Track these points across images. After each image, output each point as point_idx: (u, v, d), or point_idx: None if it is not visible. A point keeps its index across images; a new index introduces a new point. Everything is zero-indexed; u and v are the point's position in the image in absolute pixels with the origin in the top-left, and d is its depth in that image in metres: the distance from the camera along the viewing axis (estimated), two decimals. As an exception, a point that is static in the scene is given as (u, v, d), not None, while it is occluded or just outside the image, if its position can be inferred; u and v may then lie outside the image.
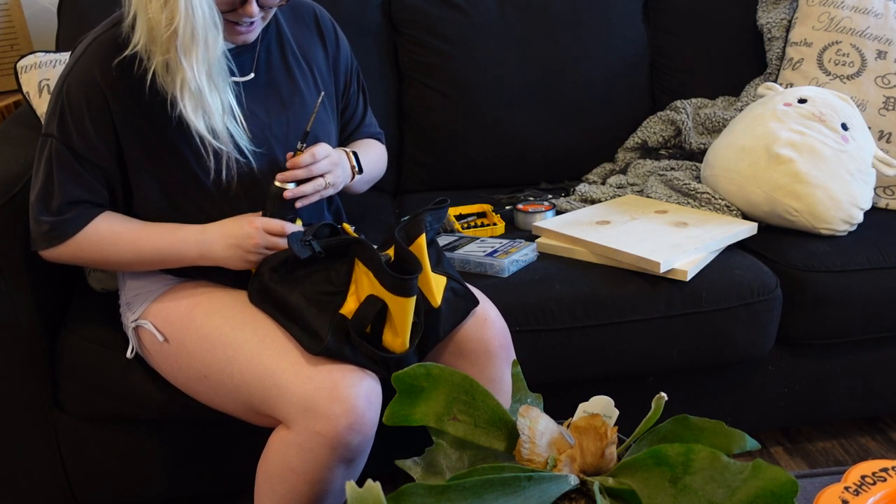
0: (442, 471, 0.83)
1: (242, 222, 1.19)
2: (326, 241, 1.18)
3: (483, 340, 1.24)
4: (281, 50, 1.30)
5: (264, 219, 1.19)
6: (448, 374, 0.82)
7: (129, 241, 1.21)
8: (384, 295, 1.11)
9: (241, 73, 1.24)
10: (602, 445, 0.78)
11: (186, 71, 1.10)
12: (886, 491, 0.86)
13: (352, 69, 1.43)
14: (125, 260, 1.22)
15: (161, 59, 1.10)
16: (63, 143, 1.17)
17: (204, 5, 1.07)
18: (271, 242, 1.18)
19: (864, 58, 1.77)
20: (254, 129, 1.23)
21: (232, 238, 1.19)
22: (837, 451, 1.75)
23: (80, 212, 1.19)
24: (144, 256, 1.21)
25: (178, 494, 1.48)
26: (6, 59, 1.99)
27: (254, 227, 1.18)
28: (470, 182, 1.93)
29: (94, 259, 1.23)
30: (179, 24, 1.06)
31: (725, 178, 1.62)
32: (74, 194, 1.18)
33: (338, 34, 1.40)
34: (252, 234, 1.17)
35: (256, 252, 1.18)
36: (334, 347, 1.10)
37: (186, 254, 1.21)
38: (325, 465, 1.07)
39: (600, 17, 1.94)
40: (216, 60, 1.12)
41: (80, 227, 1.19)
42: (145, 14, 1.08)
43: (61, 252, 1.21)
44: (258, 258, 1.19)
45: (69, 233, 1.19)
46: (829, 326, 1.56)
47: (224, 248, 1.19)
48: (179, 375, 1.23)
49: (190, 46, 1.08)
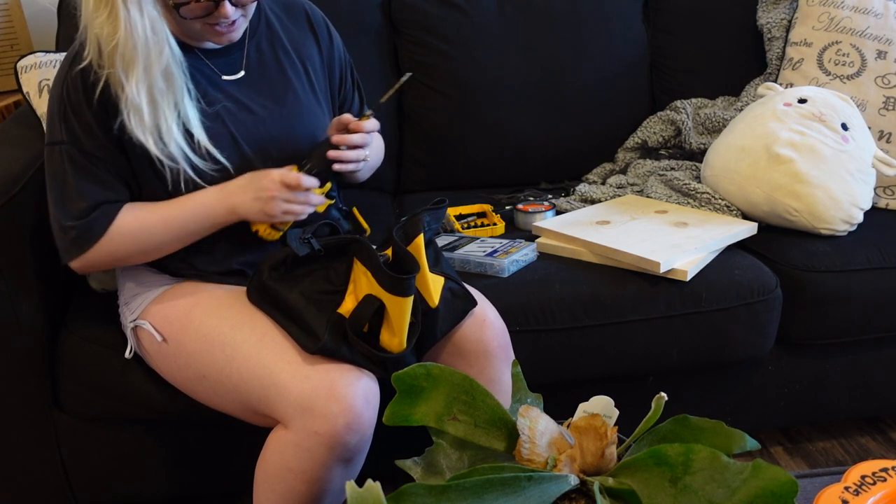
0: (442, 471, 0.83)
1: (260, 174, 1.19)
2: (326, 240, 1.18)
3: (481, 341, 1.24)
4: (272, 47, 1.30)
5: (282, 171, 1.18)
6: (448, 374, 0.82)
7: (160, 224, 1.20)
8: (382, 294, 1.11)
9: (230, 71, 1.24)
10: (602, 445, 0.78)
11: (126, 87, 1.10)
12: (886, 491, 0.86)
13: (346, 64, 1.43)
14: (161, 242, 1.21)
15: (109, 73, 1.11)
16: (74, 146, 1.17)
17: (146, 24, 1.08)
18: (289, 194, 1.17)
19: (864, 58, 1.77)
20: (247, 125, 1.23)
21: (251, 191, 1.18)
22: (837, 451, 1.75)
23: (103, 211, 1.18)
24: (178, 232, 1.21)
25: (178, 494, 1.48)
26: (6, 59, 1.99)
27: (270, 179, 1.17)
28: (470, 182, 1.93)
29: (130, 252, 1.21)
30: (119, 40, 1.07)
31: (725, 178, 1.62)
32: (95, 195, 1.18)
33: (330, 30, 1.40)
34: (268, 186, 1.17)
35: (275, 204, 1.17)
36: (332, 346, 1.10)
37: (215, 215, 1.20)
38: (324, 464, 1.07)
39: (600, 17, 1.94)
40: (158, 78, 1.12)
41: (106, 225, 1.18)
42: (93, 28, 1.09)
43: (94, 256, 1.20)
44: (278, 212, 1.18)
45: (98, 233, 1.18)
46: (829, 326, 1.56)
47: (245, 201, 1.19)
48: (178, 375, 1.23)
49: (130, 64, 1.09)
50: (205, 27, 1.16)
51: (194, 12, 1.13)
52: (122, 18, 1.06)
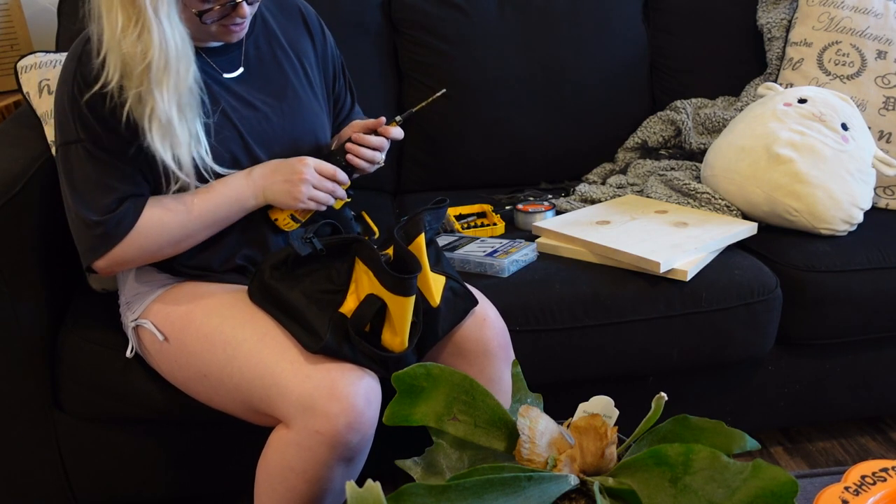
0: (442, 471, 0.83)
1: (293, 160, 1.22)
2: (327, 240, 1.18)
3: (482, 340, 1.24)
4: (269, 44, 1.31)
5: (317, 160, 1.22)
6: (448, 374, 0.82)
7: (190, 213, 1.19)
8: (383, 294, 1.11)
9: (230, 69, 1.25)
10: (602, 445, 0.78)
11: (158, 102, 1.10)
12: (886, 491, 0.86)
13: (338, 62, 1.44)
14: (192, 231, 1.21)
15: (134, 93, 1.10)
16: (92, 143, 1.15)
17: (177, 37, 1.08)
18: (319, 181, 1.21)
19: (864, 58, 1.77)
20: (252, 122, 1.24)
21: (281, 174, 1.20)
22: (837, 451, 1.75)
23: (132, 204, 1.17)
24: (208, 219, 1.20)
25: (178, 494, 1.48)
26: (6, 59, 1.99)
27: (304, 164, 1.20)
28: (470, 182, 1.93)
29: (161, 244, 1.20)
30: (153, 56, 1.07)
31: (725, 178, 1.62)
32: (121, 189, 1.16)
33: (323, 28, 1.41)
34: (301, 170, 1.20)
35: (304, 188, 1.19)
36: (333, 346, 1.10)
37: (244, 199, 1.21)
38: (325, 463, 1.07)
39: (600, 17, 1.94)
40: (186, 90, 1.12)
41: (135, 218, 1.17)
42: (119, 51, 1.08)
43: (123, 252, 1.18)
44: (305, 197, 1.20)
45: (127, 226, 1.17)
46: (829, 326, 1.56)
47: (275, 182, 1.20)
48: (179, 374, 1.23)
49: (162, 78, 1.09)
50: (220, 28, 1.17)
51: (214, 16, 1.13)
52: (156, 35, 1.06)
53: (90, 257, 1.18)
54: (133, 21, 1.06)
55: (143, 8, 1.05)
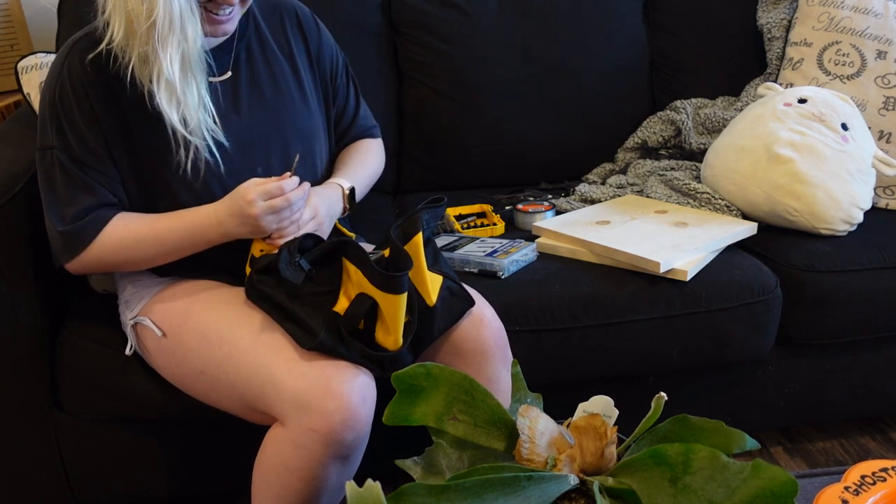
0: (442, 471, 0.83)
1: (237, 197, 1.17)
2: (314, 253, 1.17)
3: (479, 340, 1.24)
4: (261, 48, 1.31)
5: (259, 188, 1.15)
6: (448, 373, 0.82)
7: (151, 237, 1.20)
8: (374, 293, 1.11)
9: (217, 73, 1.25)
10: (602, 445, 0.78)
11: (163, 61, 1.11)
12: (886, 491, 0.86)
13: (337, 61, 1.43)
14: (150, 255, 1.21)
15: (139, 52, 1.11)
16: (65, 152, 1.18)
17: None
18: (273, 205, 1.15)
19: (864, 58, 1.77)
20: (232, 127, 1.24)
21: (236, 216, 1.17)
22: (837, 451, 1.75)
23: (95, 216, 1.19)
24: (170, 247, 1.21)
25: (177, 494, 1.48)
26: (6, 59, 1.99)
27: (248, 200, 1.15)
28: (470, 182, 1.93)
29: (119, 260, 1.22)
30: (158, 14, 1.07)
31: (725, 178, 1.62)
32: (85, 201, 1.19)
33: (319, 28, 1.40)
34: (245, 208, 1.15)
35: (263, 220, 1.16)
36: (328, 343, 1.10)
37: (208, 237, 1.20)
38: (320, 461, 1.07)
39: (600, 17, 1.94)
40: (193, 51, 1.13)
41: (97, 231, 1.19)
42: (123, 8, 1.09)
43: (86, 260, 1.21)
44: (269, 223, 1.16)
45: (88, 238, 1.19)
46: (829, 326, 1.56)
47: (235, 224, 1.18)
48: (177, 371, 1.23)
49: (167, 37, 1.09)
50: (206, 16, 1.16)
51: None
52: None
53: (57, 259, 1.23)
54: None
55: None
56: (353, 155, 1.45)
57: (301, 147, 1.31)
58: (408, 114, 1.91)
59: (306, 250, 1.17)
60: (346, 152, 1.46)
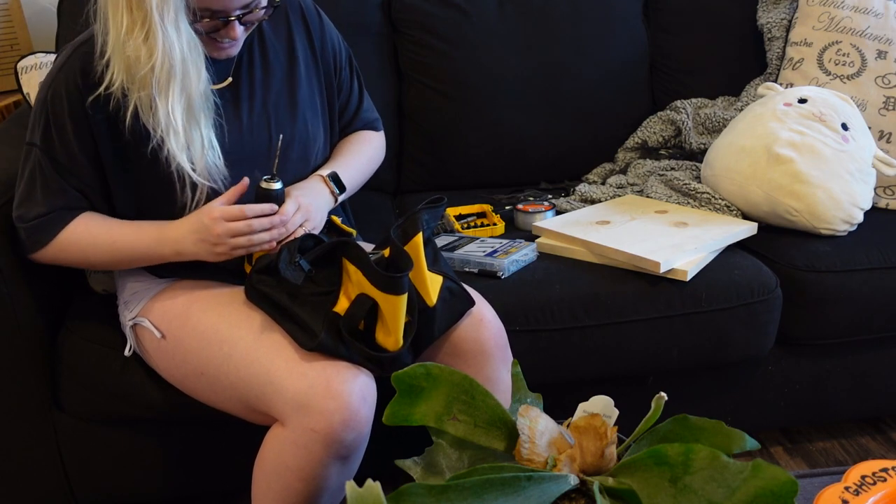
0: (442, 471, 0.83)
1: (202, 215, 1.16)
2: (314, 253, 1.17)
3: (479, 341, 1.24)
4: (262, 50, 1.29)
5: (222, 207, 1.14)
6: (448, 373, 0.82)
7: (107, 243, 1.21)
8: (374, 293, 1.11)
9: (218, 80, 1.23)
10: (602, 445, 0.78)
11: (165, 107, 1.10)
12: (886, 491, 0.86)
13: (341, 54, 1.42)
14: (105, 260, 1.23)
15: (142, 95, 1.11)
16: (46, 153, 1.18)
17: (184, 43, 1.08)
18: (233, 229, 1.13)
19: (864, 58, 1.77)
20: (233, 135, 1.23)
21: (196, 233, 1.16)
22: (837, 451, 1.75)
23: (55, 217, 1.20)
24: (124, 256, 1.22)
25: (177, 494, 1.48)
26: (6, 59, 1.99)
27: (211, 218, 1.14)
28: (470, 182, 1.93)
29: (77, 260, 1.24)
30: (157, 60, 1.07)
31: (725, 178, 1.62)
32: (54, 203, 1.20)
33: (322, 21, 1.39)
34: (210, 225, 1.14)
35: (222, 243, 1.14)
36: (329, 343, 1.10)
37: (162, 252, 1.20)
38: (320, 461, 1.07)
39: (600, 17, 1.94)
40: (197, 96, 1.12)
41: (56, 231, 1.20)
42: (123, 53, 1.08)
43: (46, 255, 1.23)
44: (227, 248, 1.15)
45: (47, 237, 1.20)
46: (829, 326, 1.56)
47: (192, 243, 1.17)
48: (176, 372, 1.23)
49: (167, 83, 1.09)
50: (208, 41, 1.16)
51: (205, 27, 1.13)
52: (160, 40, 1.06)
53: (22, 250, 1.25)
54: (139, 24, 1.06)
55: (149, 12, 1.05)
56: (345, 145, 1.44)
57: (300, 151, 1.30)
58: (408, 114, 1.91)
59: (306, 250, 1.17)
60: (340, 143, 1.45)
